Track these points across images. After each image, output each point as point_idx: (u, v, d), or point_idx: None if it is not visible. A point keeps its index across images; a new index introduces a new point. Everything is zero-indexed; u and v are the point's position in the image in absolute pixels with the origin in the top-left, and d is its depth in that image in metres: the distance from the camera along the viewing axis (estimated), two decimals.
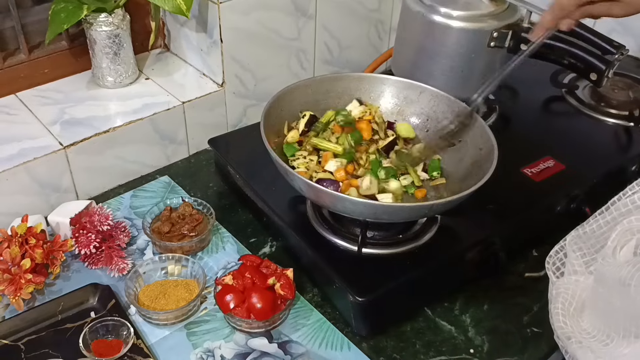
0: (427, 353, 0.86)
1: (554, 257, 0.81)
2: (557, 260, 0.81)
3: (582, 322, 0.76)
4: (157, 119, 1.11)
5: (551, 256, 0.81)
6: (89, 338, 0.82)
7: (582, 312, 0.76)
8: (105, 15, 1.08)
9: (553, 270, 0.81)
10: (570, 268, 0.78)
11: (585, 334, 0.74)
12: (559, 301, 0.77)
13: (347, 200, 0.81)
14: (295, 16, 1.21)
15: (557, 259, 0.81)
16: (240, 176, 1.04)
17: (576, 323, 0.76)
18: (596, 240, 0.77)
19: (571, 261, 0.78)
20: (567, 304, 0.77)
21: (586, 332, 0.74)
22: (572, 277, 0.78)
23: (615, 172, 1.09)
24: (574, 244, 0.78)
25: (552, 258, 0.81)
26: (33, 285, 0.87)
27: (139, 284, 0.90)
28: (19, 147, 1.01)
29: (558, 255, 0.81)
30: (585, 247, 0.78)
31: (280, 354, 0.84)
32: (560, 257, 0.81)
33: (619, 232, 0.72)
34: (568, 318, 0.76)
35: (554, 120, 1.21)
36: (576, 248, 0.78)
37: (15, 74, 1.12)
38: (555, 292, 0.78)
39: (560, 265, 0.80)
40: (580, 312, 0.77)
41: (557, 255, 0.81)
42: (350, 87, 1.02)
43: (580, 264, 0.78)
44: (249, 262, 0.90)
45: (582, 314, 0.76)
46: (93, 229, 0.94)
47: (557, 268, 0.80)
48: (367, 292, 0.83)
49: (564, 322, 0.76)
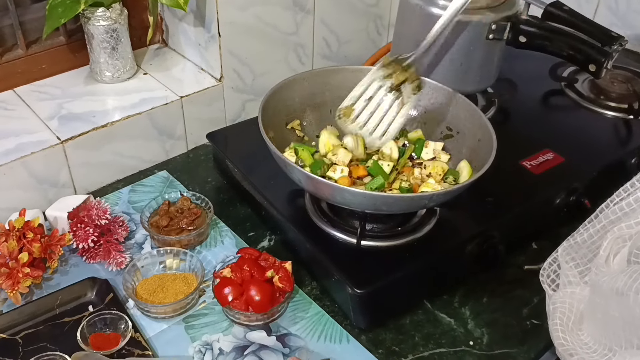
0: (426, 345, 0.85)
1: (548, 269, 0.80)
2: (552, 272, 0.79)
3: (581, 335, 0.74)
4: (155, 114, 1.11)
5: (545, 269, 0.80)
6: (87, 331, 0.82)
7: (581, 324, 0.75)
8: (102, 10, 1.08)
9: (548, 282, 0.79)
10: (565, 279, 0.77)
11: (587, 349, 0.72)
12: (556, 317, 0.75)
13: (346, 192, 0.81)
14: (294, 11, 1.21)
15: (552, 271, 0.79)
16: (239, 170, 1.04)
17: (576, 337, 0.74)
18: (588, 250, 0.76)
19: (565, 272, 0.77)
20: (566, 319, 0.75)
21: (587, 347, 0.73)
22: (568, 290, 0.76)
23: (615, 165, 1.08)
24: (567, 254, 0.77)
25: (546, 270, 0.80)
26: (30, 279, 0.87)
27: (137, 278, 0.90)
28: (17, 142, 1.01)
29: (552, 267, 0.80)
30: (577, 257, 0.76)
31: (278, 346, 0.84)
32: (554, 269, 0.79)
33: (611, 240, 0.71)
34: (568, 333, 0.74)
35: (553, 113, 1.20)
36: (569, 259, 0.77)
37: (12, 70, 1.12)
38: (552, 307, 0.76)
39: (555, 278, 0.79)
40: (579, 325, 0.75)
41: (550, 267, 0.80)
42: (347, 80, 1.01)
43: (574, 275, 0.76)
44: (247, 255, 0.90)
45: (581, 326, 0.75)
46: (91, 223, 0.94)
47: (552, 280, 0.79)
48: (366, 284, 0.83)
49: (564, 338, 0.74)
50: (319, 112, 1.02)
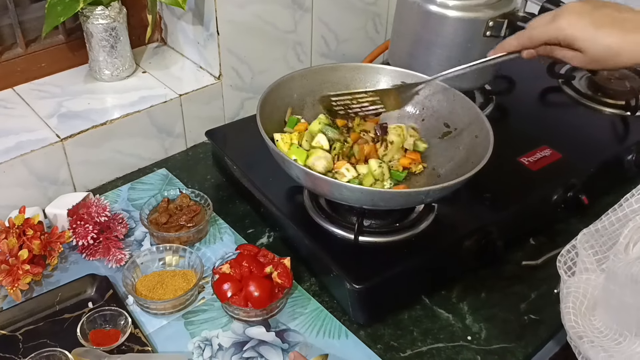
0: (424, 340, 0.86)
1: (566, 256, 0.79)
2: (569, 259, 0.79)
3: (594, 320, 0.74)
4: (154, 112, 1.11)
5: (563, 255, 0.80)
6: (87, 328, 0.83)
7: (594, 310, 0.75)
8: (101, 8, 1.08)
9: (565, 269, 0.79)
10: (582, 266, 0.77)
11: (598, 333, 0.72)
12: (569, 300, 0.75)
13: (344, 187, 0.81)
14: (292, 9, 1.21)
15: (569, 258, 0.79)
16: (238, 167, 1.04)
17: (588, 322, 0.74)
18: (608, 238, 0.75)
19: (582, 259, 0.77)
20: (579, 303, 0.75)
21: (598, 331, 0.73)
22: (584, 276, 0.76)
23: (612, 162, 1.09)
24: (585, 241, 0.77)
25: (564, 257, 0.79)
26: (30, 276, 0.87)
27: (137, 275, 0.90)
28: (17, 140, 1.01)
29: (570, 254, 0.79)
30: (597, 244, 0.76)
31: (278, 342, 0.84)
32: (572, 257, 0.79)
33: (632, 229, 0.71)
34: (579, 317, 0.74)
35: (551, 110, 1.21)
36: (587, 246, 0.77)
37: (12, 68, 1.12)
38: (566, 291, 0.76)
39: (571, 265, 0.78)
40: (592, 311, 0.75)
41: (568, 254, 0.79)
42: (345, 77, 1.02)
43: (591, 262, 0.76)
44: (246, 251, 0.90)
45: (594, 312, 0.75)
46: (91, 220, 0.94)
47: (569, 267, 0.79)
48: (364, 280, 0.83)
49: (575, 321, 0.74)
50: (318, 109, 1.02)
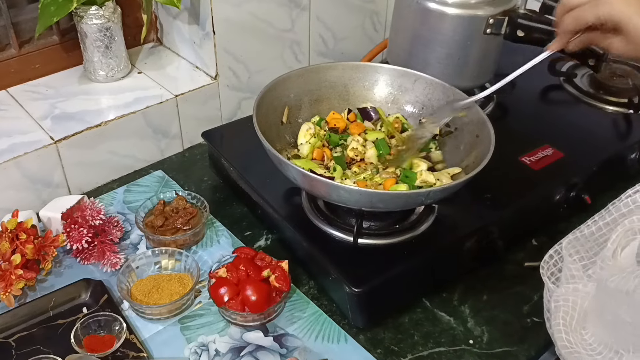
0: (425, 344, 0.84)
1: (549, 262, 0.77)
2: (552, 265, 0.77)
3: (585, 335, 0.72)
4: (150, 113, 1.10)
5: (546, 261, 0.77)
6: (81, 334, 0.81)
7: (585, 323, 0.73)
8: (95, 8, 1.06)
9: (548, 275, 0.76)
10: (568, 273, 0.74)
11: (590, 350, 0.70)
12: (559, 316, 0.73)
13: (342, 189, 0.79)
14: (289, 7, 1.20)
15: (552, 264, 0.77)
16: (235, 169, 1.02)
17: (579, 337, 0.72)
18: (595, 243, 0.73)
19: (568, 265, 0.74)
20: (569, 318, 0.73)
21: (591, 348, 0.71)
22: (570, 286, 0.73)
23: (615, 160, 1.07)
24: (571, 247, 0.74)
25: (547, 263, 0.77)
26: (24, 281, 0.86)
27: (132, 279, 0.89)
28: (10, 142, 0.99)
29: (553, 259, 0.76)
30: (583, 250, 0.74)
31: (275, 347, 0.83)
32: (555, 262, 0.77)
33: (620, 233, 0.69)
34: (571, 335, 0.72)
35: (553, 108, 1.19)
36: (573, 252, 0.74)
37: (5, 69, 1.11)
38: (554, 306, 0.74)
39: (555, 271, 0.76)
40: (583, 323, 0.73)
41: (551, 260, 0.77)
42: (343, 77, 1.01)
43: (577, 268, 0.73)
44: (243, 254, 0.89)
45: (585, 324, 0.72)
46: (85, 224, 0.93)
47: (553, 273, 0.77)
48: (364, 282, 0.82)
49: (567, 340, 0.72)
50: (315, 108, 1.00)
